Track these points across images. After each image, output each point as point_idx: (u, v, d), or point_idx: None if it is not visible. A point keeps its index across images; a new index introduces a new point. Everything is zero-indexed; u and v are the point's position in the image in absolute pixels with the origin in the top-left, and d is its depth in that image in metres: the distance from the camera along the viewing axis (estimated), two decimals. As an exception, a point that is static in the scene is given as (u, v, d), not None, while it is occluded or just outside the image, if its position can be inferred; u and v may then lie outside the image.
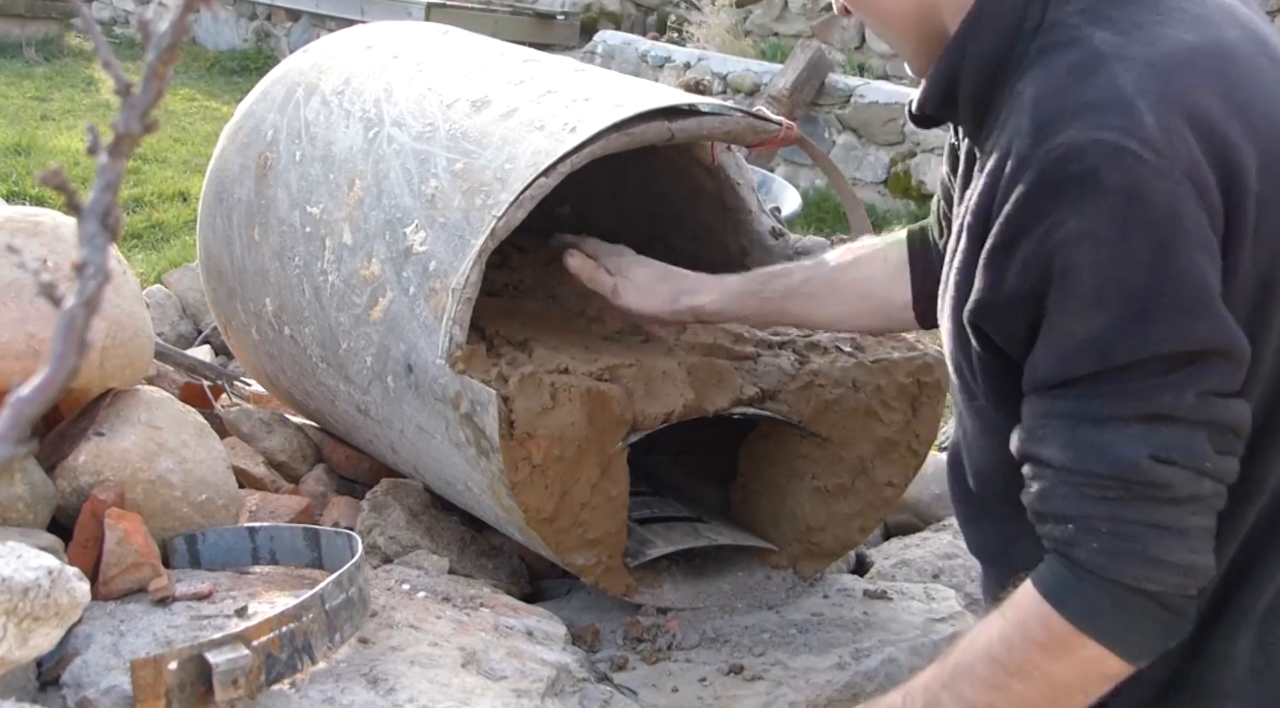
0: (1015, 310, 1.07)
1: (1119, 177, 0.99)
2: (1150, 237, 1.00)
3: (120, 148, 0.55)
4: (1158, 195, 0.99)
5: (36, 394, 0.52)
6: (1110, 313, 1.01)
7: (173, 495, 1.63)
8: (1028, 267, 1.04)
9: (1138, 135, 1.00)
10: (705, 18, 8.02)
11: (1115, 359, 1.02)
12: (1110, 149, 1.00)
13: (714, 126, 1.69)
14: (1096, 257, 1.01)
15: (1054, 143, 1.02)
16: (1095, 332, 1.02)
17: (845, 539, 1.88)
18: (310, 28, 8.65)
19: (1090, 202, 1.00)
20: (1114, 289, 1.01)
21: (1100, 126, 1.00)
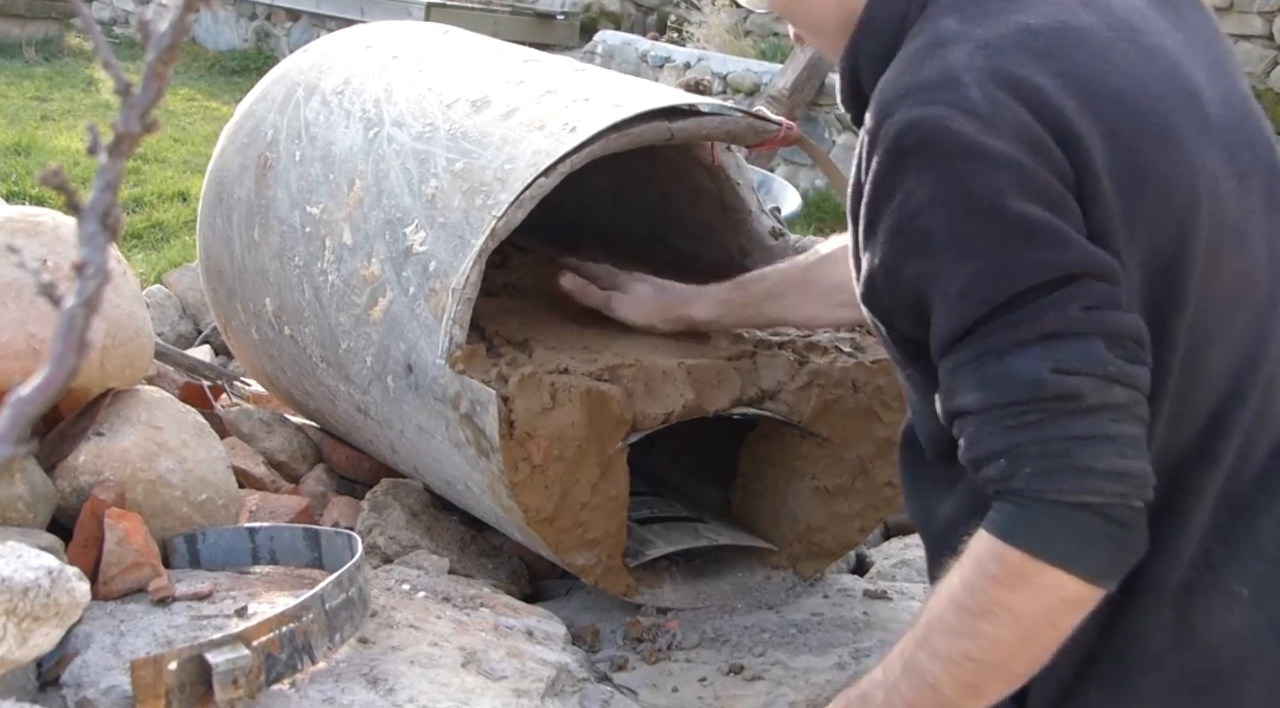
0: (892, 286, 1.12)
1: (950, 141, 1.05)
2: (989, 185, 1.05)
3: (120, 148, 0.55)
4: (991, 150, 1.05)
5: (36, 394, 0.52)
6: (977, 260, 1.06)
7: (173, 495, 1.63)
8: (891, 241, 1.10)
9: (962, 107, 1.06)
10: (705, 18, 8.02)
11: (997, 297, 1.05)
12: (938, 120, 1.06)
13: (714, 127, 1.70)
14: (947, 215, 1.06)
15: (892, 122, 1.08)
16: (970, 280, 1.06)
17: (845, 539, 1.88)
18: (310, 28, 8.65)
19: (930, 169, 1.06)
20: (973, 239, 1.06)
21: (929, 101, 1.07)
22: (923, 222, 1.07)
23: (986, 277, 1.06)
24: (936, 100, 1.07)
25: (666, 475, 2.04)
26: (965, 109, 1.06)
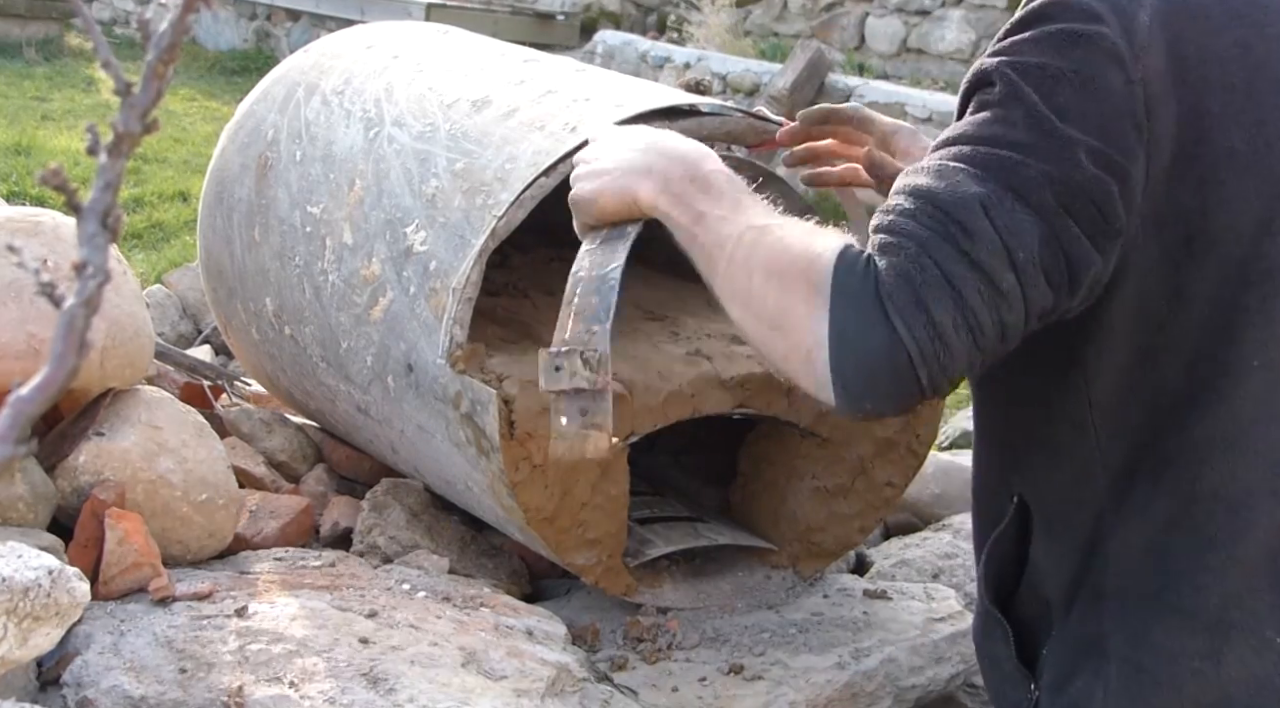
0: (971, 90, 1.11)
1: (1088, 40, 1.04)
2: (1089, 88, 1.04)
3: (120, 148, 0.55)
4: (1111, 75, 1.04)
5: (36, 394, 0.52)
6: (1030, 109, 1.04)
7: (173, 495, 1.63)
8: (982, 72, 1.09)
9: (1123, 21, 1.05)
10: (705, 17, 8.02)
11: (1008, 138, 1.04)
12: (1095, 16, 1.05)
13: (714, 127, 1.70)
14: (1041, 73, 1.05)
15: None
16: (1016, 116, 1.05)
17: (845, 539, 1.88)
18: (310, 28, 8.65)
19: (1057, 40, 1.05)
20: (1042, 104, 1.04)
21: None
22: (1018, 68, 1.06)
23: (1028, 121, 1.04)
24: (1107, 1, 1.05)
25: (666, 475, 2.04)
26: (1125, 25, 1.05)
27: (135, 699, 1.33)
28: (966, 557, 2.07)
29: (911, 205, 1.04)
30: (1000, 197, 1.02)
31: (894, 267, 1.02)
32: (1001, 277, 1.01)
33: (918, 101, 6.54)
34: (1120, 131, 1.04)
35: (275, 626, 1.47)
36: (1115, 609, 1.16)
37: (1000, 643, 1.27)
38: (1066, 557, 1.20)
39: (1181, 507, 1.12)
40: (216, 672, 1.37)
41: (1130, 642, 1.15)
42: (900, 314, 1.01)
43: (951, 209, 1.02)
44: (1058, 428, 1.18)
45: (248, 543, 1.78)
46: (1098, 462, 1.16)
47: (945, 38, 7.59)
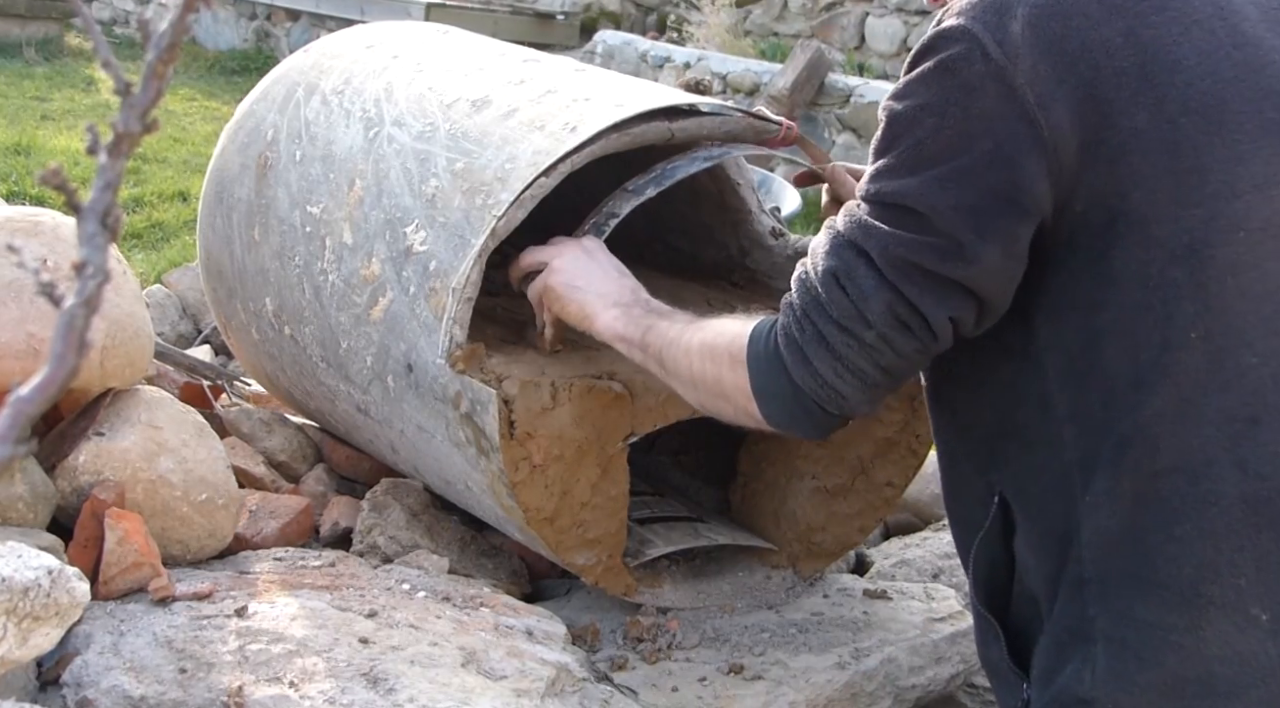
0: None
1: (964, 66, 1.13)
2: (961, 125, 1.13)
3: (120, 148, 0.55)
4: (987, 94, 1.12)
5: (36, 394, 0.52)
6: (899, 162, 1.17)
7: (173, 495, 1.63)
8: (883, 107, 1.21)
9: (996, 35, 1.12)
10: (705, 17, 8.02)
11: (880, 197, 1.17)
12: (970, 38, 1.13)
13: (714, 127, 1.69)
14: (915, 119, 1.16)
15: (941, 23, 1.17)
16: (883, 171, 1.18)
17: (845, 539, 1.88)
18: (310, 28, 8.65)
19: (935, 76, 1.15)
20: (912, 149, 1.16)
21: (975, 19, 1.14)
22: (900, 112, 1.18)
23: (893, 175, 1.17)
24: (981, 19, 1.14)
25: (666, 475, 2.04)
26: (998, 39, 1.12)
27: (135, 699, 1.33)
28: (966, 557, 2.07)
29: (801, 275, 1.24)
30: (853, 266, 1.18)
31: (784, 329, 1.24)
32: (862, 333, 1.18)
33: (918, 101, 6.53)
34: (1001, 145, 1.13)
35: (275, 626, 1.47)
36: (1096, 593, 1.17)
37: (994, 646, 1.29)
38: (1048, 548, 1.22)
39: (1146, 483, 1.14)
40: (216, 672, 1.37)
41: (1114, 621, 1.16)
42: (792, 367, 1.23)
43: (818, 281, 1.20)
44: (1027, 416, 1.22)
45: (248, 543, 1.78)
46: (1064, 447, 1.19)
47: (945, 38, 7.57)
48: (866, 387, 1.21)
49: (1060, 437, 1.19)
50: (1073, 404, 1.17)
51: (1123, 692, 1.15)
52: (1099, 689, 1.16)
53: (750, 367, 1.26)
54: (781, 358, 1.23)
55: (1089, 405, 1.17)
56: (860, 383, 1.20)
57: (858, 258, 1.18)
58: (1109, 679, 1.15)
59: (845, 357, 1.19)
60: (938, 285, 1.16)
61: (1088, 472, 1.17)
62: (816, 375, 1.20)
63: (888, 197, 1.17)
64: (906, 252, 1.15)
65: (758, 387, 1.26)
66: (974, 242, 1.14)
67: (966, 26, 1.13)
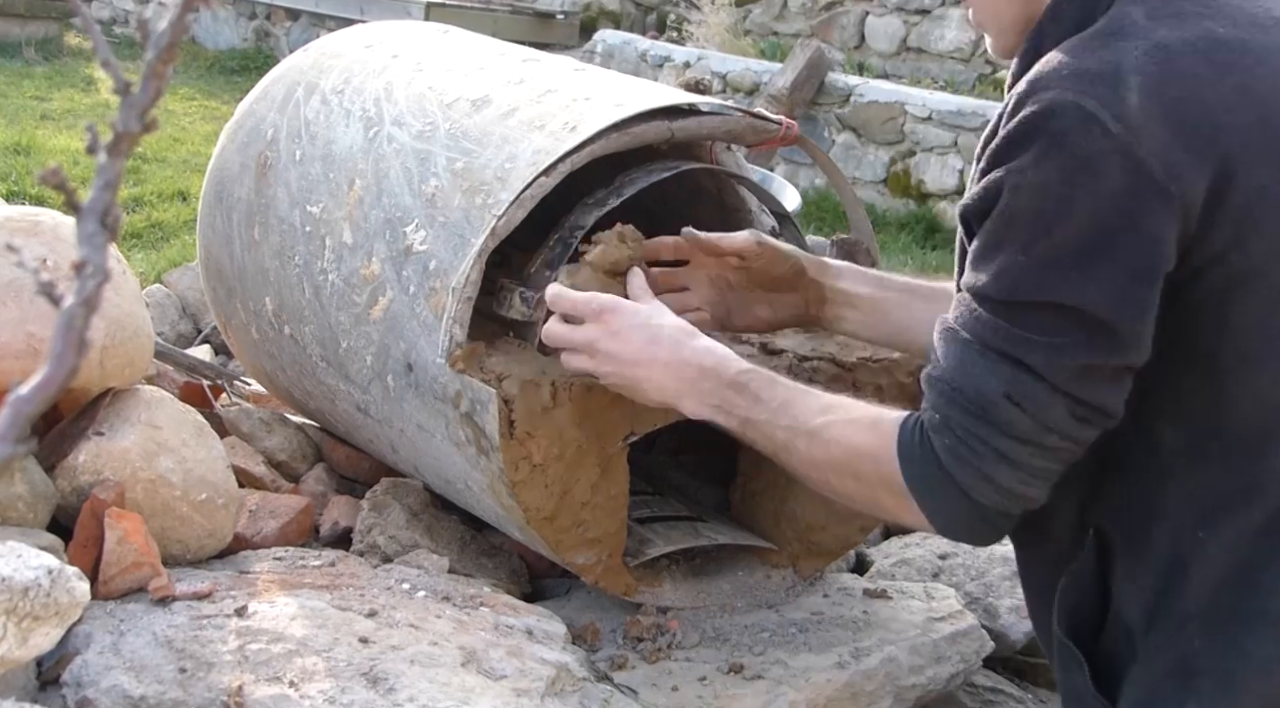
0: (971, 219, 1.19)
1: (1083, 144, 1.08)
2: (1091, 207, 1.09)
3: (119, 147, 0.55)
4: (1112, 171, 1.08)
5: (36, 393, 0.52)
6: (1031, 257, 1.12)
7: (173, 495, 1.63)
8: (987, 192, 1.15)
9: (1113, 109, 1.08)
10: (705, 17, 8.02)
11: (1017, 295, 1.13)
12: (1085, 115, 1.08)
13: (714, 126, 1.69)
14: (1039, 207, 1.11)
15: (1043, 97, 1.10)
16: (1013, 267, 1.13)
17: (845, 539, 1.88)
18: (310, 27, 8.65)
19: (1052, 159, 1.10)
20: (1043, 240, 1.11)
21: (1084, 93, 1.09)
22: (1016, 197, 1.12)
23: (1026, 275, 1.12)
24: (1093, 94, 1.09)
25: (666, 475, 2.04)
26: (1116, 113, 1.07)
27: (135, 699, 1.33)
28: (966, 556, 2.07)
29: (950, 391, 1.18)
30: (1020, 383, 1.13)
31: (950, 450, 1.18)
32: (1046, 440, 1.15)
33: (917, 101, 6.54)
34: (1137, 224, 1.09)
35: (275, 625, 1.47)
36: (1202, 628, 1.18)
37: (1077, 674, 1.28)
38: (1147, 581, 1.22)
39: (1267, 522, 1.16)
40: (216, 671, 1.37)
41: (1221, 654, 1.17)
42: (972, 489, 1.18)
43: (985, 406, 1.15)
44: (1129, 448, 1.21)
45: (248, 543, 1.77)
46: (1172, 481, 1.19)
47: (945, 37, 7.59)
48: (1049, 480, 1.19)
49: (1169, 471, 1.18)
50: (1184, 441, 1.17)
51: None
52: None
53: (916, 493, 1.22)
54: (955, 481, 1.18)
55: (1203, 444, 1.17)
56: (1047, 481, 1.19)
57: (1023, 373, 1.13)
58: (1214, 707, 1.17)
59: (1031, 466, 1.16)
60: (1108, 377, 1.14)
61: (1204, 510, 1.17)
62: (1002, 491, 1.17)
63: (1028, 294, 1.12)
64: (1072, 358, 1.12)
65: (931, 511, 1.22)
66: (1130, 326, 1.11)
67: (1077, 102, 1.08)
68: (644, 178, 1.66)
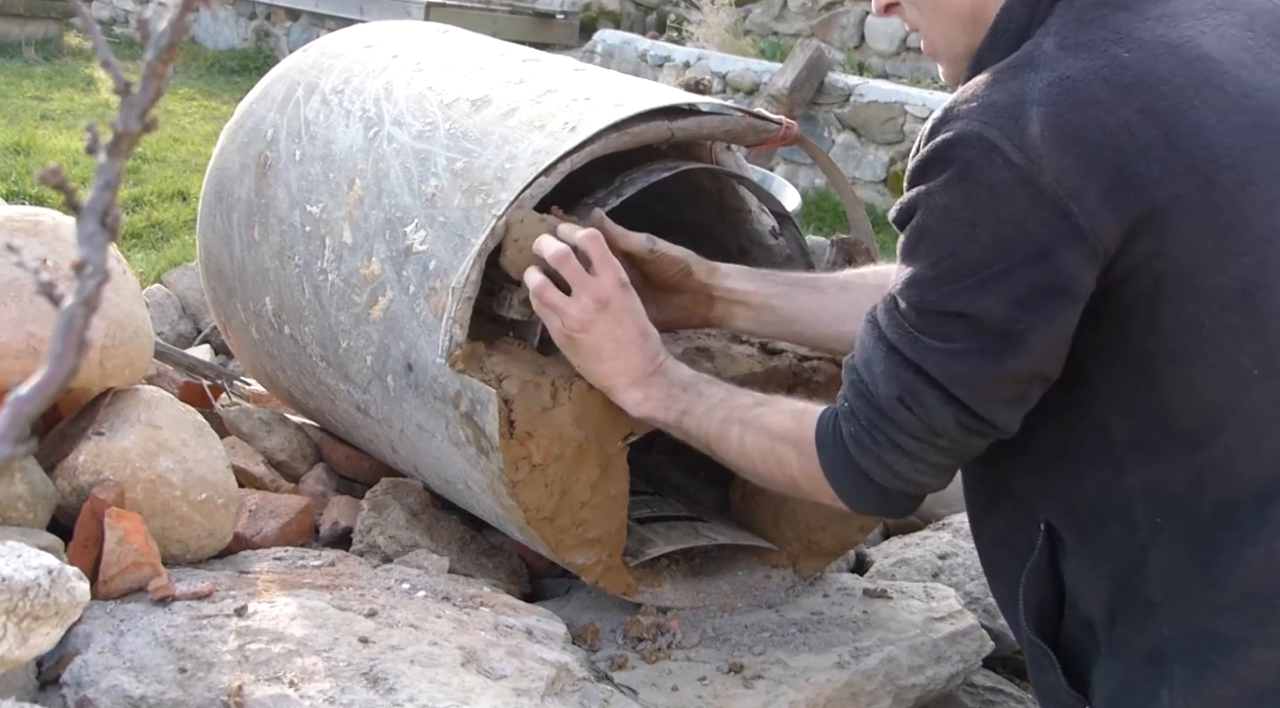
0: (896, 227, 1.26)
1: (986, 173, 1.14)
2: (993, 231, 1.16)
3: (119, 147, 0.55)
4: (1014, 198, 1.14)
5: (35, 393, 0.52)
6: (938, 272, 1.20)
7: (173, 495, 1.63)
8: (905, 207, 1.23)
9: (1014, 140, 1.13)
10: (705, 17, 8.02)
11: (925, 304, 1.21)
12: (988, 146, 1.14)
13: (714, 126, 1.70)
14: (946, 229, 1.19)
15: (951, 126, 1.17)
16: (922, 279, 1.21)
17: (845, 539, 1.88)
18: (310, 27, 8.65)
19: (958, 186, 1.17)
20: (948, 259, 1.19)
21: (988, 123, 1.15)
22: (926, 218, 1.20)
23: (934, 285, 1.20)
24: (995, 125, 1.14)
25: (666, 475, 2.04)
26: (1017, 143, 1.13)
27: (135, 699, 1.33)
28: (966, 556, 2.07)
29: (858, 382, 1.29)
30: (915, 387, 1.23)
31: (853, 437, 1.30)
32: (933, 441, 1.25)
33: (917, 101, 6.54)
34: (1039, 243, 1.14)
35: (275, 625, 1.47)
36: (1170, 615, 1.21)
37: (1050, 672, 1.31)
38: (1103, 572, 1.25)
39: (1219, 511, 1.19)
40: (216, 671, 1.37)
41: (1193, 640, 1.20)
42: (872, 472, 1.30)
43: (883, 402, 1.26)
44: (1079, 442, 1.25)
45: (247, 542, 1.77)
46: (1124, 472, 1.22)
47: (945, 37, 7.57)
48: (945, 471, 1.31)
49: (1119, 462, 1.22)
50: (1133, 434, 1.21)
51: (1201, 705, 1.19)
52: (1177, 705, 1.20)
53: (829, 476, 1.34)
54: (858, 466, 1.30)
55: (1152, 436, 1.20)
56: (939, 470, 1.30)
57: (918, 379, 1.22)
58: (1187, 695, 1.19)
59: (925, 458, 1.27)
60: (1000, 390, 1.21)
61: (1155, 500, 1.21)
62: (898, 475, 1.29)
63: (933, 305, 1.20)
64: (967, 369, 1.20)
65: (841, 491, 1.35)
66: (1027, 331, 1.17)
67: (981, 133, 1.14)
68: (644, 178, 1.66)
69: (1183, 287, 1.16)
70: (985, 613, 1.97)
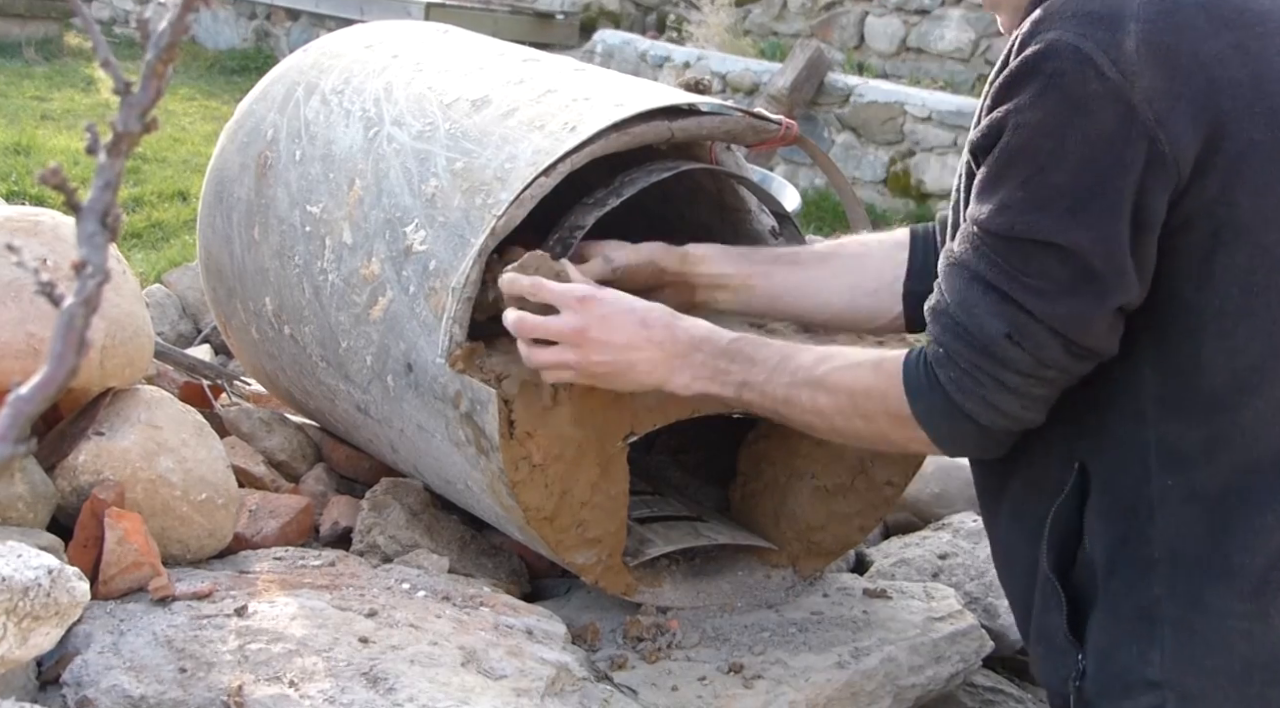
0: (978, 153, 1.24)
1: (1078, 86, 1.12)
2: (1082, 150, 1.13)
3: (119, 147, 0.55)
4: (1104, 114, 1.12)
5: (36, 393, 0.52)
6: (1029, 194, 1.17)
7: (173, 495, 1.63)
8: (990, 128, 1.20)
9: (1110, 53, 1.11)
10: (704, 17, 8.02)
11: (1015, 232, 1.18)
12: (1081, 57, 1.12)
13: (714, 126, 1.69)
14: (1036, 146, 1.15)
15: (1043, 37, 1.14)
16: (1012, 203, 1.18)
17: (845, 538, 1.88)
18: (310, 27, 8.65)
19: (1047, 99, 1.14)
20: (1037, 178, 1.16)
21: (1083, 34, 1.12)
22: (1015, 136, 1.16)
23: (1025, 209, 1.17)
24: (1091, 36, 1.12)
25: (666, 475, 2.04)
26: (1113, 57, 1.11)
27: (135, 699, 1.33)
28: (966, 556, 2.07)
29: (954, 326, 1.24)
30: (1022, 325, 1.20)
31: (955, 382, 1.25)
32: (1042, 374, 1.22)
33: (917, 101, 6.54)
34: (1127, 168, 1.12)
35: (275, 625, 1.47)
36: (1166, 576, 1.21)
37: (1055, 614, 1.31)
38: (1113, 519, 1.25)
39: (1235, 478, 1.19)
40: (216, 671, 1.37)
41: (1182, 606, 1.20)
42: (978, 414, 1.25)
43: (986, 340, 1.22)
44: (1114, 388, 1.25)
45: (247, 542, 1.78)
46: (1146, 424, 1.23)
47: (945, 37, 7.59)
48: (1047, 403, 1.27)
49: (1144, 413, 1.23)
50: (1161, 387, 1.21)
51: (1191, 676, 1.20)
52: (1168, 673, 1.20)
53: (925, 422, 1.30)
54: (961, 408, 1.26)
55: (1178, 393, 1.20)
56: (1042, 403, 1.26)
57: (1023, 315, 1.20)
58: (1177, 663, 1.20)
59: (1031, 393, 1.24)
60: (1101, 320, 1.19)
61: (1170, 456, 1.21)
62: (1006, 415, 1.25)
63: (1024, 232, 1.18)
64: (1068, 310, 1.18)
65: (939, 436, 1.31)
66: (1117, 271, 1.16)
67: (1076, 44, 1.12)
68: (644, 178, 1.66)
69: (1243, 239, 1.15)
70: (985, 613, 1.97)
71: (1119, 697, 1.24)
